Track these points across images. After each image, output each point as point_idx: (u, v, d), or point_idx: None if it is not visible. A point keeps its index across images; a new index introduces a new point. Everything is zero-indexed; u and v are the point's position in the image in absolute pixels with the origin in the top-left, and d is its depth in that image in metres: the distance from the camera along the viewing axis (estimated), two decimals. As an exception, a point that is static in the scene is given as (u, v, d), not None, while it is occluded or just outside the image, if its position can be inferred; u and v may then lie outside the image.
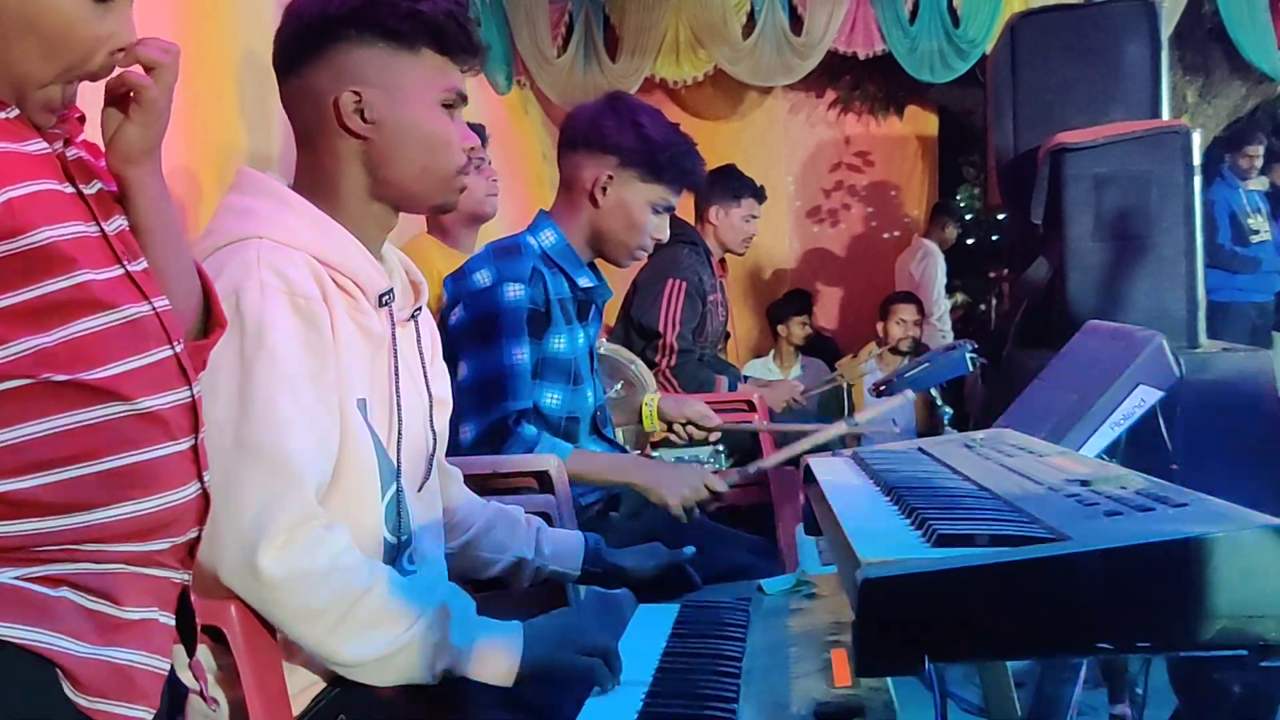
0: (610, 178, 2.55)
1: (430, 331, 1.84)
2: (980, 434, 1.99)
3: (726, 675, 1.47)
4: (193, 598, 1.31)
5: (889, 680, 1.34)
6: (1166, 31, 4.94)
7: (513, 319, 2.42)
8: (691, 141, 2.65)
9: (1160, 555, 0.97)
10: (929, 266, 7.29)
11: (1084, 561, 0.99)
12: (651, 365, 3.91)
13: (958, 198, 8.08)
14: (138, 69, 1.26)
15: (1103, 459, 2.40)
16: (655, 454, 3.35)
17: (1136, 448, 2.48)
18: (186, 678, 1.47)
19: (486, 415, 2.33)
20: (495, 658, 1.51)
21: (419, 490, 1.70)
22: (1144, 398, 2.22)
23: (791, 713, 1.30)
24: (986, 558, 1.03)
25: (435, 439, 1.76)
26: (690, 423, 3.08)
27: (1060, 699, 1.24)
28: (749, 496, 3.70)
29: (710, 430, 3.13)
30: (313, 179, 1.67)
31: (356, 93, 1.62)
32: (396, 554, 1.62)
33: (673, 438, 3.13)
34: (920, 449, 1.92)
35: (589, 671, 1.48)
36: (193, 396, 1.29)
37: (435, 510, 1.77)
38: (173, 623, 1.28)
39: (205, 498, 1.30)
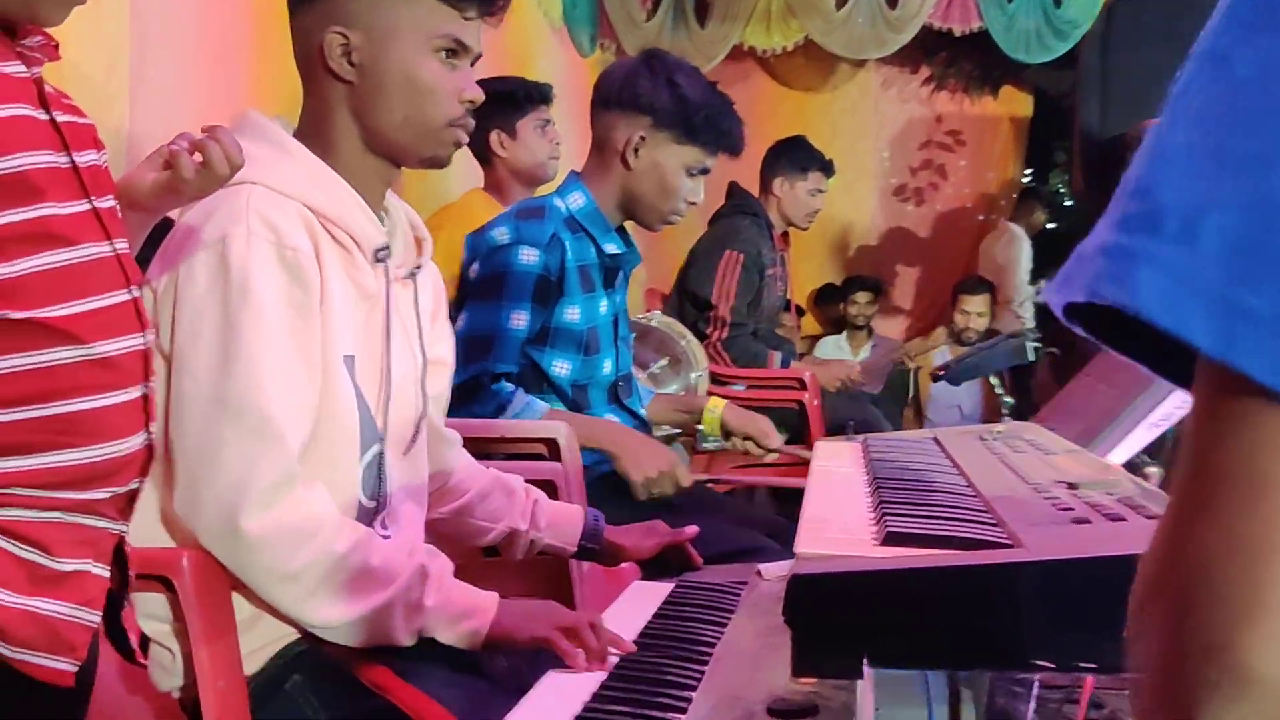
0: (643, 139, 2.45)
1: (435, 290, 1.80)
2: (1000, 426, 1.93)
3: (694, 662, 1.42)
4: (128, 549, 1.29)
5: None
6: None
7: (520, 283, 2.37)
8: (729, 102, 2.54)
9: (1101, 571, 0.90)
10: (1014, 251, 7.09)
11: (1023, 572, 0.92)
12: (703, 337, 3.84)
13: (1050, 183, 7.85)
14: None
15: (1144, 459, 2.31)
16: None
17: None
18: (149, 628, 1.45)
19: (465, 369, 2.25)
20: (466, 622, 1.48)
21: (405, 454, 1.66)
22: (1187, 398, 2.11)
23: (744, 705, 1.25)
24: (924, 560, 0.97)
25: (425, 402, 1.71)
26: (750, 439, 2.88)
27: (1014, 714, 1.17)
28: (794, 476, 3.59)
29: (769, 451, 2.92)
30: (311, 126, 1.63)
31: (343, 34, 1.57)
32: (371, 518, 1.59)
33: (729, 446, 2.95)
34: (935, 439, 1.86)
35: (551, 643, 1.44)
36: (145, 343, 1.27)
37: (420, 475, 1.73)
38: (106, 574, 1.25)
39: (149, 449, 1.27)
